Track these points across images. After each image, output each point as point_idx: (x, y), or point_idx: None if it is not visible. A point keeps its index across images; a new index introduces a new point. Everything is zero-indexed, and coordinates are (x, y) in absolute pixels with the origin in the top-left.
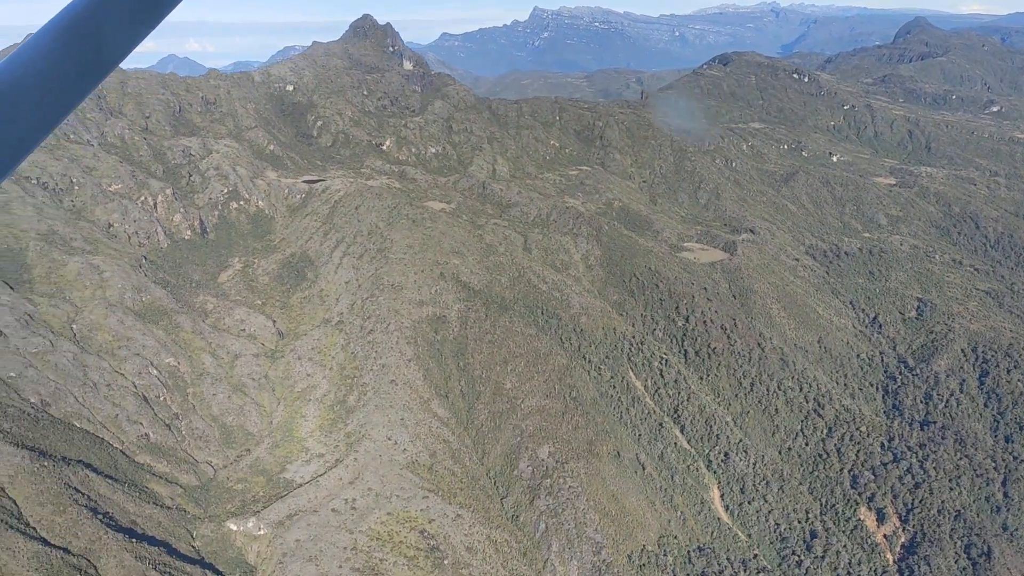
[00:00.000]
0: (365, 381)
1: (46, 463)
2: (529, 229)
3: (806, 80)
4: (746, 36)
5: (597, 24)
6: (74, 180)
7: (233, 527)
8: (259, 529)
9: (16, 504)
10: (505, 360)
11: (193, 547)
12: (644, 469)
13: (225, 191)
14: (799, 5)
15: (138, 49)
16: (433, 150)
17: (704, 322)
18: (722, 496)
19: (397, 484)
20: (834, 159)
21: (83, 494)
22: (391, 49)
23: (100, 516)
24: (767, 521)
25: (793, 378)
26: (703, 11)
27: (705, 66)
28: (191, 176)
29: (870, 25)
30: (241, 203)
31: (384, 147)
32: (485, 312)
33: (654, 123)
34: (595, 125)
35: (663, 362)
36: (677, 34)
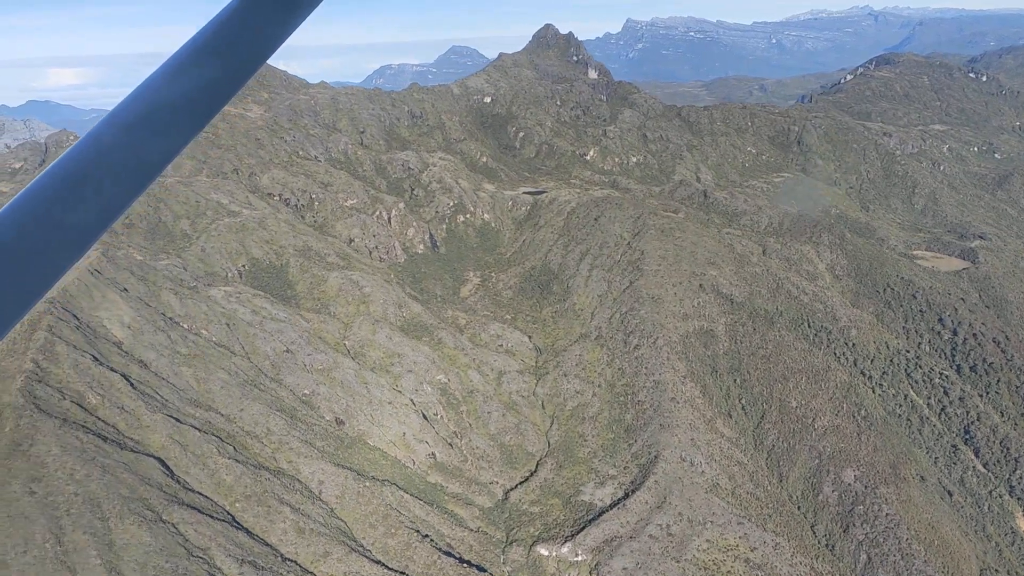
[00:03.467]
0: (641, 399)
1: (367, 483)
2: (764, 238)
3: (984, 80)
4: (845, 41)
5: (692, 34)
6: (314, 196)
7: (544, 552)
8: (576, 555)
9: (347, 524)
10: (784, 376)
11: (506, 572)
12: (951, 495)
13: (451, 204)
14: (894, 8)
15: None
16: (635, 159)
17: (974, 335)
18: None
19: (707, 509)
20: None
21: (404, 515)
22: (575, 58)
23: (426, 539)
24: None
25: None
26: (794, 17)
27: (861, 68)
28: (413, 190)
29: (980, 26)
30: (467, 216)
31: (588, 157)
32: (753, 325)
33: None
34: (790, 130)
35: (943, 378)
36: (774, 41)
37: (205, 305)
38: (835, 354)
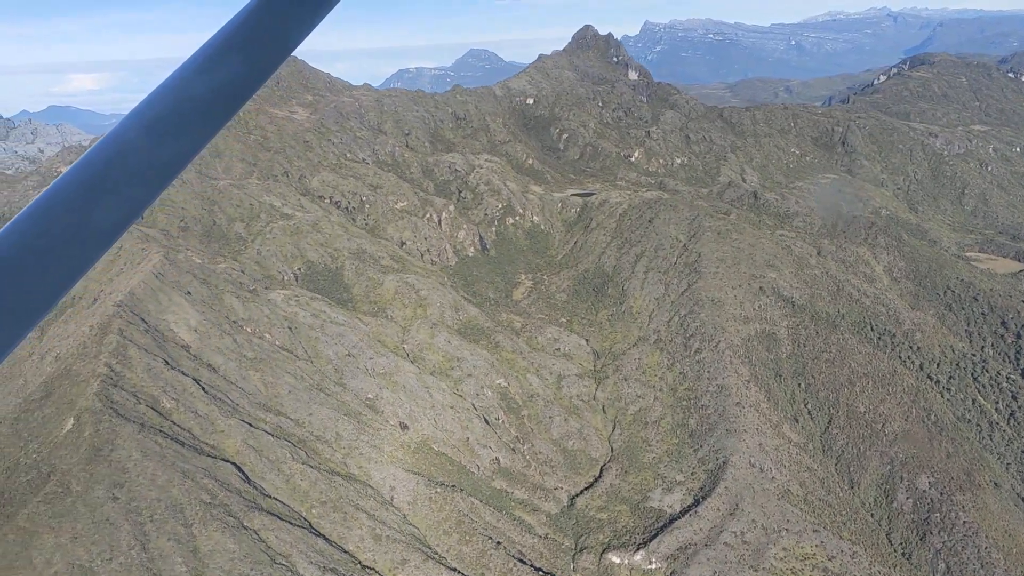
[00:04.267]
0: (704, 403)
1: (438, 489)
2: (817, 240)
3: (1023, 79)
4: (865, 42)
5: (711, 36)
6: (364, 199)
7: (615, 559)
8: (650, 563)
9: (420, 531)
10: (850, 380)
11: None
12: None
13: (500, 206)
14: (912, 9)
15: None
16: (679, 160)
17: None
18: None
19: (780, 516)
20: None
21: (476, 522)
22: (615, 59)
23: (499, 546)
24: None
25: None
26: (812, 19)
27: (895, 69)
28: (461, 192)
29: (1002, 26)
30: (516, 218)
31: (632, 159)
32: (815, 328)
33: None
34: (834, 131)
35: (1010, 382)
36: (793, 43)
37: (267, 308)
38: (900, 358)
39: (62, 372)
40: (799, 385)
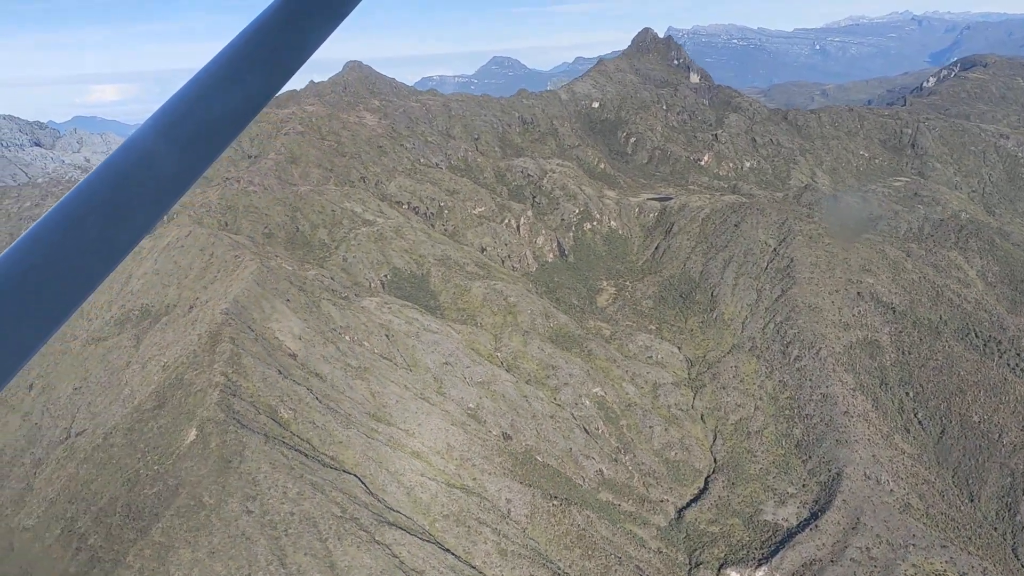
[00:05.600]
0: (808, 412)
1: (554, 502)
2: (904, 243)
3: None
4: (890, 46)
5: (735, 41)
6: (442, 204)
7: (735, 575)
8: None
9: (539, 544)
10: (960, 389)
11: None
12: None
13: (576, 211)
14: (935, 13)
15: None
16: (748, 164)
17: None
18: None
19: (904, 531)
20: None
21: (594, 536)
22: (675, 62)
23: (622, 561)
24: None
25: None
26: (834, 23)
27: (945, 71)
28: (535, 197)
29: None
30: (594, 223)
31: (703, 162)
32: (918, 335)
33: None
34: (902, 133)
35: None
36: (817, 47)
37: (364, 316)
38: (1009, 365)
39: (173, 381)
40: (907, 394)
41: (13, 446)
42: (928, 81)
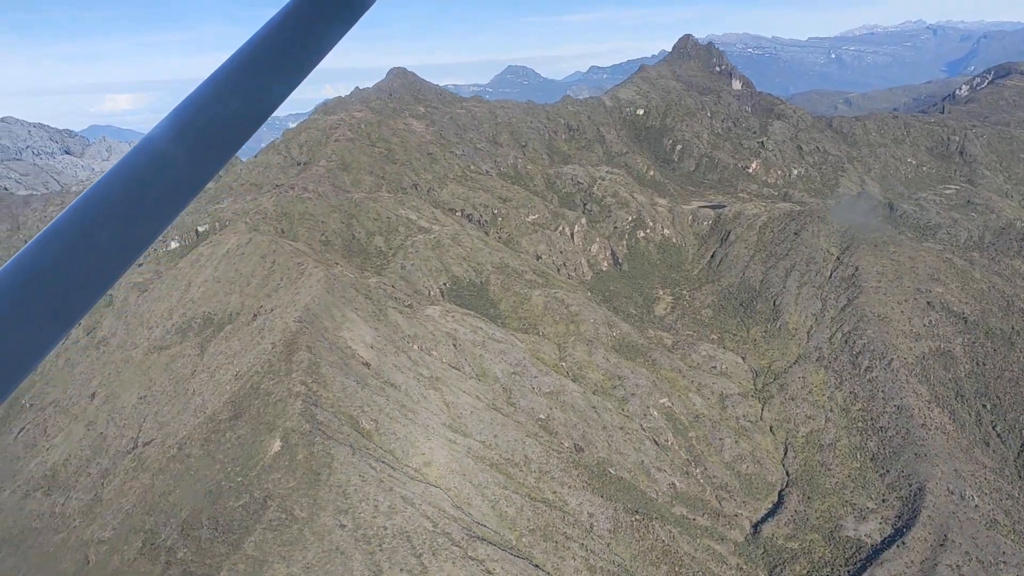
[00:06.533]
0: (883, 425)
1: (637, 517)
2: (965, 252)
3: None
4: (905, 55)
5: (750, 50)
6: (496, 211)
7: None
8: None
9: (625, 560)
10: None
11: None
12: None
13: (629, 219)
14: (949, 22)
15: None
16: (796, 171)
17: None
18: None
19: (994, 548)
20: None
21: (678, 552)
22: (717, 69)
23: None
24: None
25: None
26: (849, 32)
27: (978, 78)
28: (586, 204)
29: None
30: (647, 231)
31: (750, 170)
32: (992, 346)
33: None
34: (950, 140)
35: None
36: (833, 56)
37: (430, 325)
38: None
39: (248, 391)
40: (984, 406)
41: (79, 456)
42: (961, 89)
